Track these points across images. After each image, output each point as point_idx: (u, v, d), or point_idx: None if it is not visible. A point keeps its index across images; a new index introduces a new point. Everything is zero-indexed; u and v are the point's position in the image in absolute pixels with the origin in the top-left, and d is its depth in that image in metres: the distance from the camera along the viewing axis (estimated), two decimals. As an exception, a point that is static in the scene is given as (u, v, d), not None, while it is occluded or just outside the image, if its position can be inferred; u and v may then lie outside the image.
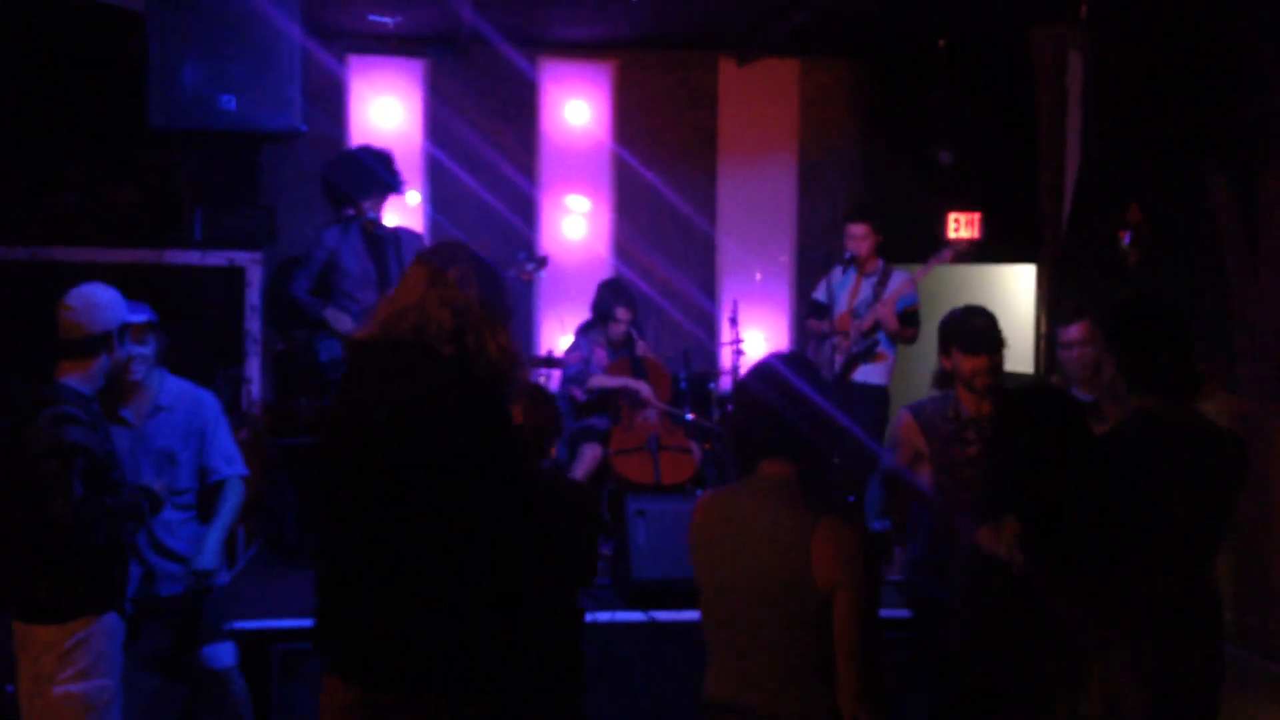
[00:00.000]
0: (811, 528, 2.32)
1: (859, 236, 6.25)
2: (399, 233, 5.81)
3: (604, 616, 4.67)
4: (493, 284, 2.48)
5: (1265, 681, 5.24)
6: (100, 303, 3.54)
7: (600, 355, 6.34)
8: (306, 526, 5.58)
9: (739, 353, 7.09)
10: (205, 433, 4.04)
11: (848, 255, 6.25)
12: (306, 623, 4.40)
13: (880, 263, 6.34)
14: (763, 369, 2.51)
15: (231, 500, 4.10)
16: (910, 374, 7.64)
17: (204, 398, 4.13)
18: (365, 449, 2.32)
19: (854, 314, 6.28)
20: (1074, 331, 4.60)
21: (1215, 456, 3.08)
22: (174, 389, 4.05)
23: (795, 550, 2.30)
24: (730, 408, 2.62)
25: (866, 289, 6.31)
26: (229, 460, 4.11)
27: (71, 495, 3.25)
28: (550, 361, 6.98)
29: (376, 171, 5.60)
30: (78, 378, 3.47)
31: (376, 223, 5.70)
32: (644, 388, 6.17)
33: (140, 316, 3.90)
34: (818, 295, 6.54)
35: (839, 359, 6.20)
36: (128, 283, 6.79)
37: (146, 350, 3.95)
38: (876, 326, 6.21)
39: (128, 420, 3.93)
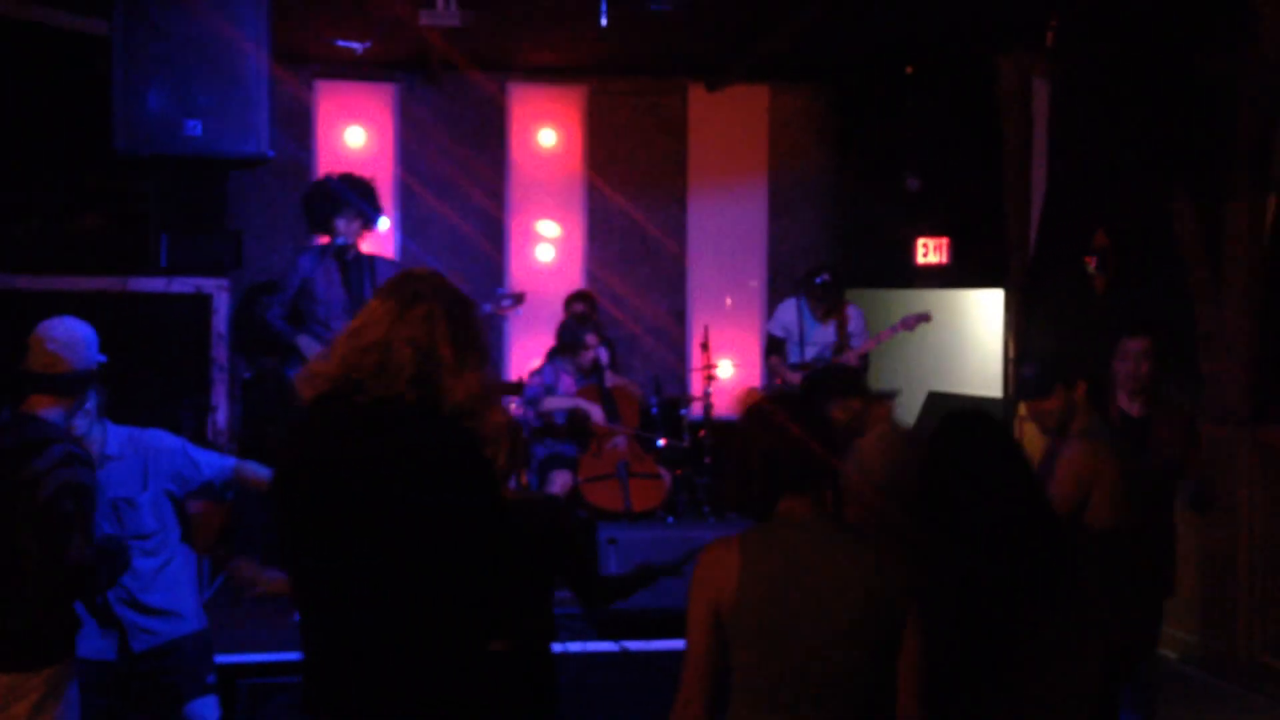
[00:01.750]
0: (880, 555, 2.33)
1: (833, 300, 6.43)
2: (374, 260, 5.76)
3: (575, 647, 4.62)
4: (464, 320, 2.32)
5: (1232, 705, 5.25)
6: (85, 339, 3.35)
7: (567, 382, 6.31)
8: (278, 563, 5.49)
9: (710, 378, 7.09)
10: (180, 469, 3.85)
11: (811, 306, 6.42)
12: (272, 656, 4.34)
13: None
14: (759, 408, 2.50)
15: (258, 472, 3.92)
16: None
17: (152, 438, 3.88)
18: (328, 499, 2.22)
19: (820, 360, 6.42)
20: (1135, 344, 4.62)
21: None
22: (119, 437, 3.81)
23: (874, 581, 2.30)
24: (733, 449, 2.54)
25: (830, 328, 6.45)
26: (220, 460, 3.97)
27: (93, 537, 3.12)
28: (519, 387, 6.95)
29: (354, 199, 5.56)
30: (57, 414, 3.28)
31: (352, 249, 5.66)
32: (595, 410, 6.12)
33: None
34: (774, 330, 6.64)
35: None
36: (92, 311, 6.72)
37: (89, 404, 3.78)
38: None
39: None
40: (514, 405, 6.68)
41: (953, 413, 2.69)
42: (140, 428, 3.90)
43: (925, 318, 6.34)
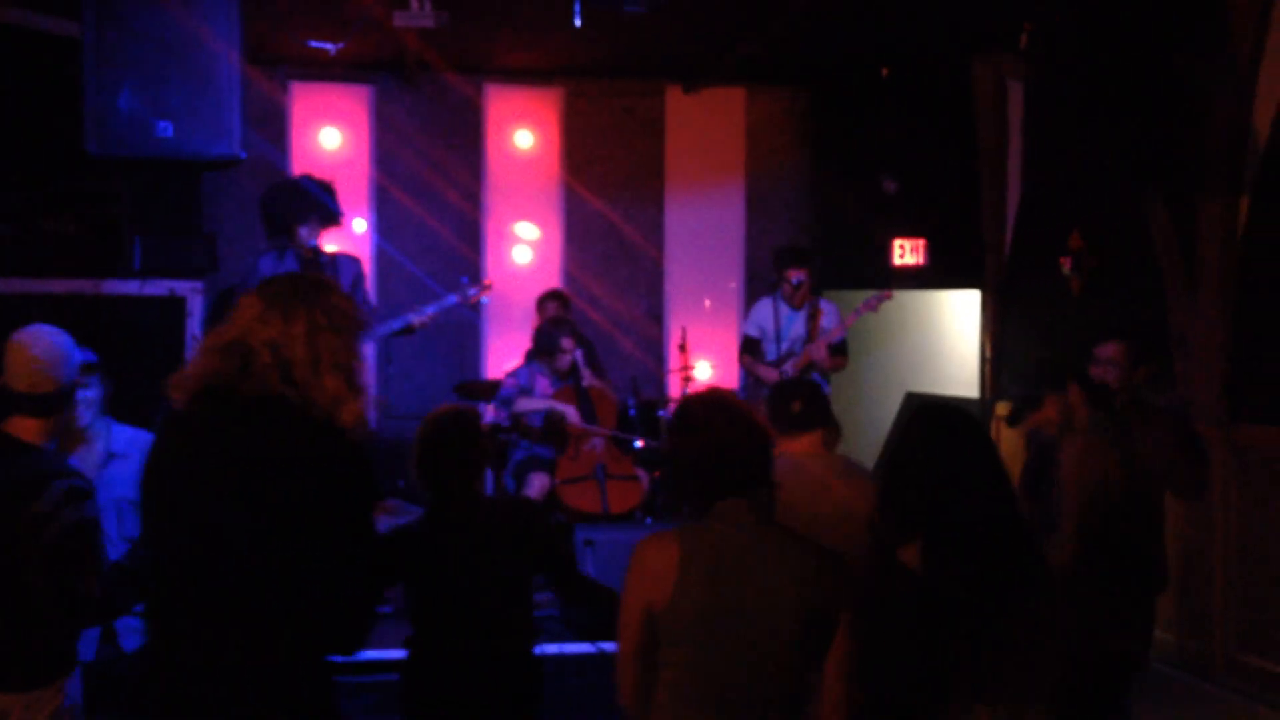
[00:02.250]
0: (818, 557, 2.35)
1: (796, 282, 6.39)
2: (336, 259, 5.72)
3: (552, 649, 4.61)
4: (336, 322, 2.31)
5: (1207, 703, 5.28)
6: (67, 352, 3.28)
7: (544, 384, 6.29)
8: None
9: (688, 379, 7.08)
10: None
11: (782, 293, 6.38)
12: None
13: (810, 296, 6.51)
14: (715, 403, 2.50)
15: None
16: (861, 391, 7.67)
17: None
18: (199, 493, 2.22)
19: (793, 353, 6.41)
20: (1108, 350, 4.59)
21: None
22: (125, 435, 3.82)
23: (809, 581, 2.31)
24: (678, 443, 2.54)
25: (800, 324, 6.44)
26: None
27: (101, 571, 3.07)
28: (496, 389, 6.92)
29: (314, 199, 5.52)
30: (43, 435, 3.13)
31: (314, 250, 5.62)
32: (570, 411, 6.10)
33: (81, 358, 3.69)
34: (749, 331, 6.64)
35: None
36: (65, 314, 6.66)
37: (91, 394, 3.73)
38: (810, 366, 6.32)
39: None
40: (490, 409, 6.66)
41: (925, 406, 2.69)
42: (143, 429, 3.87)
43: (887, 295, 6.33)
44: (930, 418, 2.62)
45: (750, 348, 6.62)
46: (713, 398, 2.56)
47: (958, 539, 2.45)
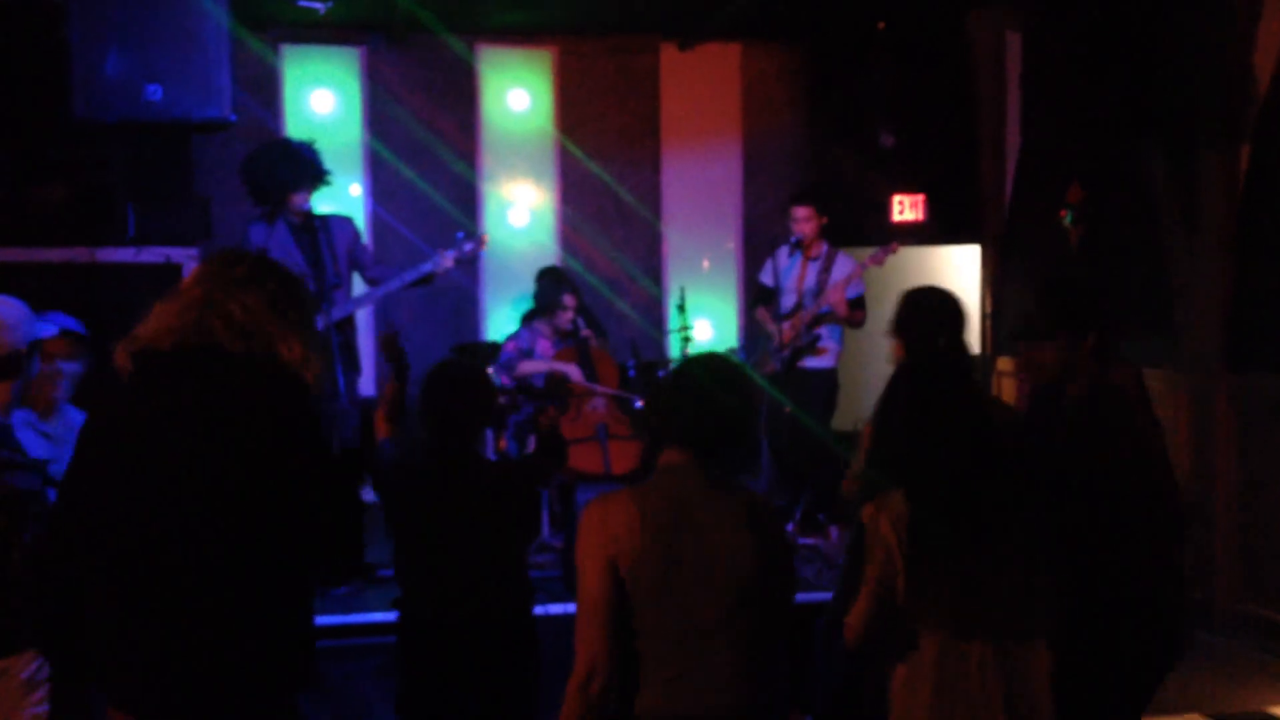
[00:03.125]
0: (762, 511, 2.41)
1: (803, 219, 6.22)
2: (328, 220, 5.66)
3: (555, 609, 4.62)
4: (285, 288, 2.33)
5: (1209, 655, 5.29)
6: (17, 317, 3.24)
7: (544, 346, 6.26)
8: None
9: (687, 340, 7.05)
10: None
11: (794, 239, 6.22)
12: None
13: (825, 246, 6.31)
14: (705, 360, 2.53)
15: None
16: (864, 357, 7.65)
17: None
18: (146, 458, 2.16)
19: (801, 305, 6.26)
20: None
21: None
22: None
23: (756, 535, 2.36)
24: (663, 394, 2.53)
25: (811, 275, 6.28)
26: None
27: (21, 547, 3.04)
28: (496, 350, 6.90)
29: (301, 161, 5.44)
30: None
31: (306, 213, 5.57)
32: (572, 370, 6.08)
33: (52, 330, 3.61)
34: (764, 279, 6.51)
35: (785, 353, 6.19)
36: (60, 283, 6.63)
37: (74, 366, 3.69)
38: (821, 318, 6.20)
39: (49, 434, 3.68)
40: (491, 371, 6.63)
41: (909, 361, 2.77)
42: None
43: (892, 249, 6.22)
44: (912, 369, 2.67)
45: (764, 297, 6.48)
46: (701, 360, 2.57)
47: (939, 482, 2.47)
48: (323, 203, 5.74)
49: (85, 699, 3.50)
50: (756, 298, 6.67)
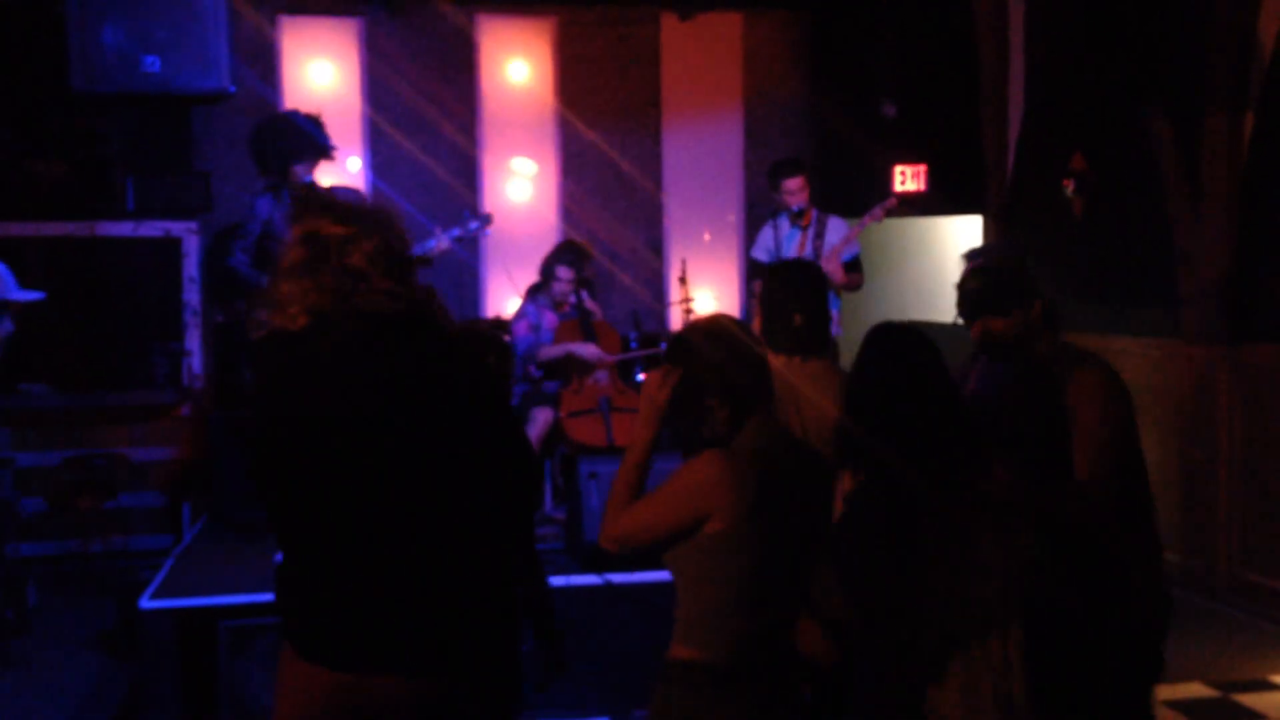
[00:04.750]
0: (822, 458, 2.61)
1: (797, 190, 6.22)
2: (334, 192, 5.66)
3: (559, 581, 4.62)
4: (401, 241, 2.29)
5: (1210, 622, 5.31)
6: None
7: (550, 319, 6.26)
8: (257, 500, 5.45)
9: (689, 312, 7.04)
10: None
11: (795, 208, 6.21)
12: (255, 598, 4.32)
13: (815, 213, 6.32)
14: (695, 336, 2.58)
15: None
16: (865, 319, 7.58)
17: None
18: (339, 425, 2.13)
19: None
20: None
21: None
22: None
23: (822, 484, 2.57)
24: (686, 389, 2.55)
25: (807, 242, 6.28)
26: None
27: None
28: (498, 324, 6.88)
29: (305, 134, 5.43)
30: None
31: (309, 186, 5.56)
32: (588, 350, 6.07)
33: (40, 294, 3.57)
34: (758, 255, 6.52)
35: None
36: (59, 257, 6.62)
37: (9, 327, 3.66)
38: None
39: None
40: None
41: (881, 325, 2.72)
42: None
43: (891, 202, 6.19)
44: (882, 335, 2.68)
45: (759, 272, 6.48)
46: (711, 324, 2.60)
47: (908, 448, 2.47)
48: (325, 173, 5.72)
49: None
50: (753, 274, 6.64)
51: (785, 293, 3.46)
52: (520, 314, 6.34)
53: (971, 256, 4.09)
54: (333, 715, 2.10)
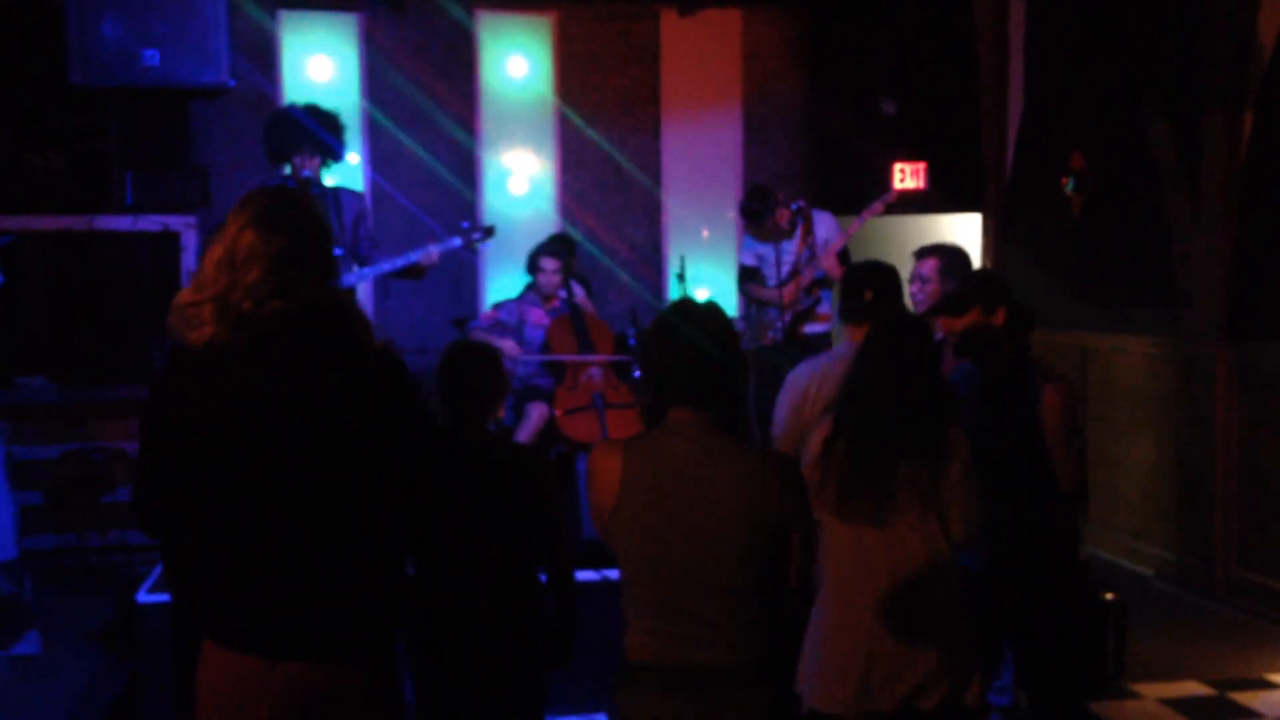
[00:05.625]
0: (764, 464, 2.40)
1: (779, 208, 6.17)
2: (339, 192, 5.64)
3: (555, 576, 4.62)
4: (312, 228, 2.31)
5: (1208, 621, 5.31)
6: None
7: (538, 314, 6.24)
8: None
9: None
10: None
11: (785, 224, 6.14)
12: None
13: (802, 209, 6.19)
14: (683, 312, 2.52)
15: None
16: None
17: None
18: (252, 419, 2.20)
19: (796, 273, 6.22)
20: (925, 268, 4.54)
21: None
22: None
23: (753, 487, 2.36)
24: (647, 350, 2.53)
25: (796, 240, 6.21)
26: None
27: None
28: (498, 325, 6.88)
29: (311, 129, 5.42)
30: None
31: (313, 182, 5.54)
32: (507, 345, 6.00)
33: None
34: (746, 259, 6.46)
35: (786, 318, 6.13)
36: (58, 251, 6.62)
37: None
38: (818, 282, 6.16)
39: None
40: (508, 344, 6.58)
41: (892, 318, 3.04)
42: None
43: (891, 197, 6.17)
44: (886, 326, 2.96)
45: (749, 276, 6.46)
46: (683, 306, 2.57)
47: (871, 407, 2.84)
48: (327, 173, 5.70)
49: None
50: (742, 277, 6.58)
51: (864, 271, 3.80)
52: (498, 305, 6.32)
53: (920, 254, 4.34)
54: (244, 699, 2.21)
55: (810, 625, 2.89)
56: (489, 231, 5.88)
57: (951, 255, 4.52)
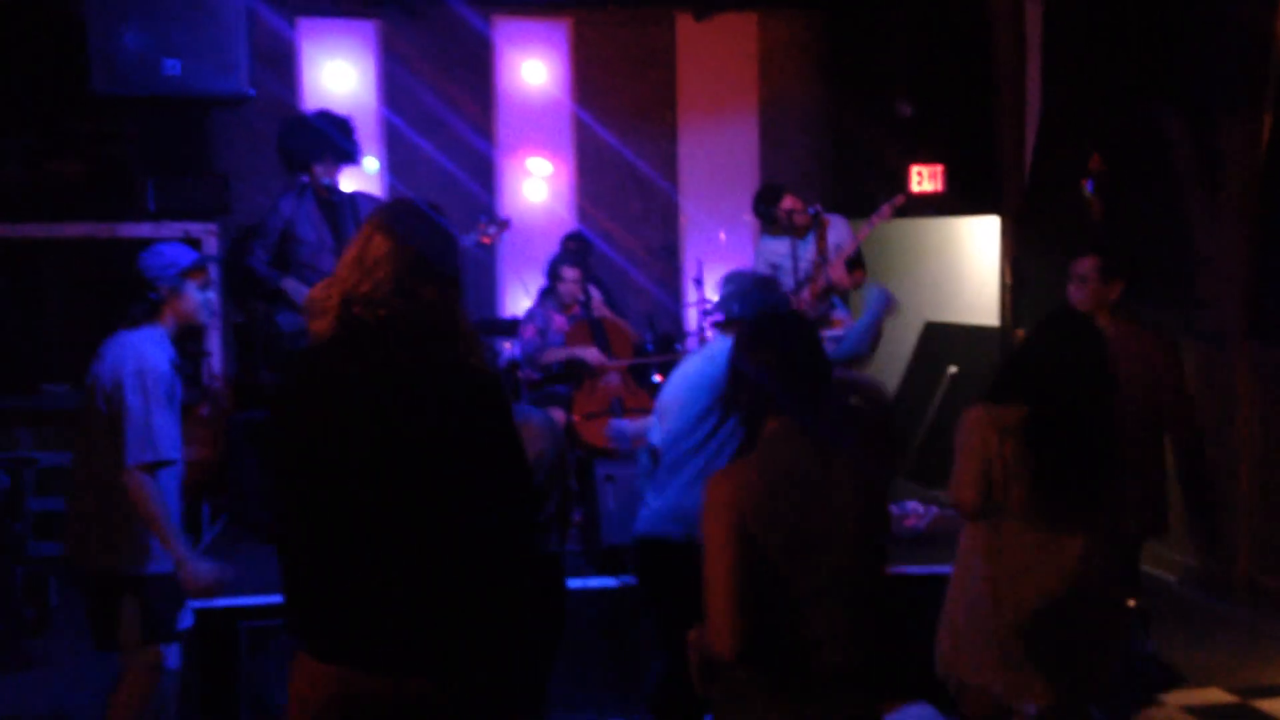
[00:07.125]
0: (869, 468, 2.54)
1: (793, 206, 6.16)
2: (355, 197, 5.68)
3: (576, 583, 4.63)
4: (447, 253, 2.38)
5: (1229, 627, 5.29)
6: None
7: (559, 321, 6.26)
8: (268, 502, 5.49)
9: (704, 314, 7.04)
10: None
11: (800, 223, 6.12)
12: (274, 599, 4.34)
13: (817, 214, 6.20)
14: (776, 324, 2.62)
15: None
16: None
17: None
18: (349, 425, 2.20)
19: (809, 278, 6.22)
20: (1084, 265, 4.53)
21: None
22: None
23: (872, 493, 2.52)
24: (751, 364, 2.56)
25: (810, 245, 6.21)
26: None
27: None
28: (514, 326, 6.90)
29: (330, 136, 5.46)
30: None
31: (332, 189, 5.58)
32: (590, 354, 6.06)
33: None
34: (760, 268, 6.46)
35: None
36: (80, 258, 6.67)
37: None
38: (830, 289, 6.15)
39: None
40: (509, 346, 6.63)
41: (1056, 312, 3.18)
42: None
43: (899, 200, 6.16)
44: (1052, 318, 3.07)
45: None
46: (785, 315, 2.74)
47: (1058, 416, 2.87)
48: (346, 177, 5.75)
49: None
50: None
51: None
52: (528, 317, 6.34)
53: (1078, 255, 4.44)
54: (333, 711, 2.20)
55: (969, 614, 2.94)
56: (504, 224, 5.90)
57: (1109, 254, 4.55)
